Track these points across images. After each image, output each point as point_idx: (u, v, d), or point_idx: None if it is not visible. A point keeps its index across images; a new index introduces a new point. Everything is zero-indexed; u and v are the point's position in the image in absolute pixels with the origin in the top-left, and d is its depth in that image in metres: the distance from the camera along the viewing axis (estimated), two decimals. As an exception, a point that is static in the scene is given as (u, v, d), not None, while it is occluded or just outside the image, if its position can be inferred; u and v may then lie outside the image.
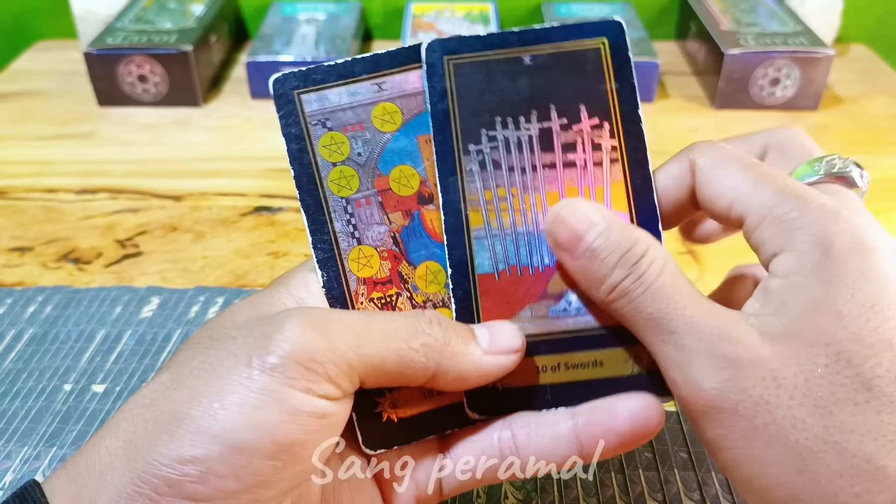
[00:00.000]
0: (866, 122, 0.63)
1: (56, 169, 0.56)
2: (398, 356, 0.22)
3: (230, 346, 0.22)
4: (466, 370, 0.23)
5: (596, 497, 0.32)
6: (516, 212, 0.26)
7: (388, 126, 0.26)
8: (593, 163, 0.26)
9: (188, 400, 0.20)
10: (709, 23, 0.67)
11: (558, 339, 0.26)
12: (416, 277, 0.26)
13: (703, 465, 0.33)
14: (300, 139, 0.26)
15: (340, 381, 0.21)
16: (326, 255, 0.26)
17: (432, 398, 0.26)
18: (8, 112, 0.64)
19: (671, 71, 0.71)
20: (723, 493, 0.32)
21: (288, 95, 0.26)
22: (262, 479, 0.20)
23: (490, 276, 0.25)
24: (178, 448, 0.20)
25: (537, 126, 0.26)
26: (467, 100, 0.26)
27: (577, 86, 0.26)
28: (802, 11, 0.70)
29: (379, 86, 0.26)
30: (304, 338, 0.21)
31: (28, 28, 0.79)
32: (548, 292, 0.26)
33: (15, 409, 0.36)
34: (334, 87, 0.26)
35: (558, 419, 0.25)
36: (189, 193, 0.54)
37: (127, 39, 0.63)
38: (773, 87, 0.63)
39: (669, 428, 0.35)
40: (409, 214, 0.26)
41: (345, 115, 0.26)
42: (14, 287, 0.45)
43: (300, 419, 0.21)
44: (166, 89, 0.64)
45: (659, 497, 0.32)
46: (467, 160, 0.26)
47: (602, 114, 0.26)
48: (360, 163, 0.26)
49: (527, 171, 0.26)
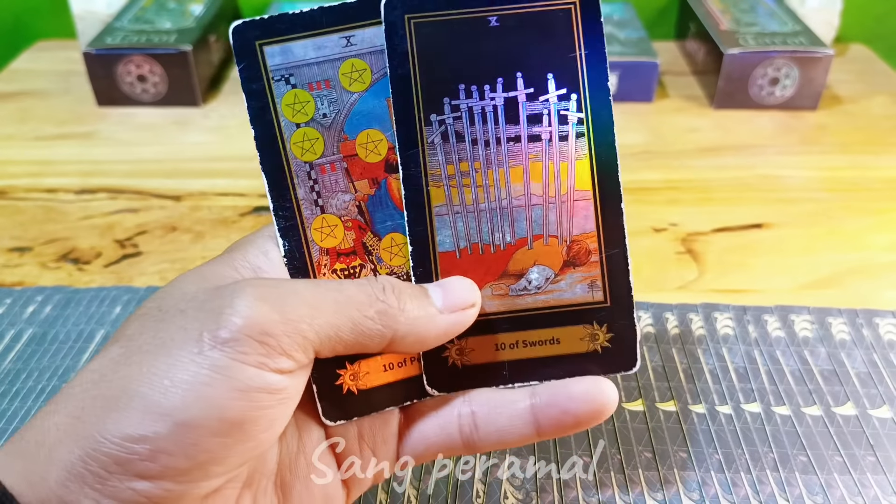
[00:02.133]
0: (866, 121, 0.63)
1: (56, 169, 0.56)
2: (353, 325, 0.22)
3: (180, 321, 0.21)
4: (423, 332, 0.23)
5: (596, 497, 0.32)
6: (479, 188, 0.25)
7: (357, 85, 0.24)
8: (559, 136, 0.25)
9: (138, 377, 0.20)
10: (708, 23, 0.67)
11: (518, 317, 0.26)
12: (381, 249, 0.25)
13: (702, 465, 0.33)
14: (262, 96, 0.24)
15: (294, 353, 0.21)
16: (288, 224, 0.25)
17: (393, 370, 0.26)
18: (7, 112, 0.64)
19: (671, 71, 0.71)
20: (723, 494, 0.32)
21: (249, 46, 0.24)
22: (213, 456, 0.20)
23: (451, 254, 0.25)
24: (127, 426, 0.19)
25: (502, 95, 0.25)
26: (430, 64, 0.24)
27: (544, 52, 0.25)
28: (802, 11, 0.70)
29: (347, 39, 0.24)
30: (256, 311, 0.21)
31: (27, 28, 0.79)
32: (508, 271, 0.26)
33: (15, 409, 0.36)
34: (299, 39, 0.24)
35: (517, 398, 0.25)
36: (189, 193, 0.54)
37: (126, 39, 0.63)
38: (772, 87, 0.63)
39: (669, 428, 0.35)
40: (376, 183, 0.25)
41: (310, 70, 0.24)
42: (14, 287, 0.44)
43: (252, 396, 0.20)
44: (166, 89, 0.64)
45: (659, 497, 0.32)
46: (429, 131, 0.25)
47: (570, 84, 0.25)
48: (326, 125, 0.24)
49: (491, 144, 0.25)
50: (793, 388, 0.37)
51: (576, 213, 0.26)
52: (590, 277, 0.26)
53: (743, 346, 0.40)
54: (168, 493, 0.20)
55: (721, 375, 0.38)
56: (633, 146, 0.59)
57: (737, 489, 0.33)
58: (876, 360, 0.39)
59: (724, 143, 0.60)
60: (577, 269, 0.26)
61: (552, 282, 0.26)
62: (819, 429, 0.35)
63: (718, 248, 0.48)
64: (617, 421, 0.35)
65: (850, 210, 0.51)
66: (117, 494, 0.19)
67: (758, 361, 0.39)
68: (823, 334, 0.40)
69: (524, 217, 0.26)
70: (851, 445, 0.34)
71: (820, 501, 0.32)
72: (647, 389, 0.37)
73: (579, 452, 0.34)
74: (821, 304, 0.42)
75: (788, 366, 0.38)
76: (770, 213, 0.51)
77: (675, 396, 0.37)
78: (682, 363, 0.39)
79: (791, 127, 0.62)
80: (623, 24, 0.70)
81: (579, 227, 0.26)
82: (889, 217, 0.50)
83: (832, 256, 0.47)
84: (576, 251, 0.26)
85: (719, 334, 0.40)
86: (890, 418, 0.36)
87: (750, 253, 0.48)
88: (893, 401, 0.37)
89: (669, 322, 0.41)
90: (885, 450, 0.34)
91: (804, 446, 0.34)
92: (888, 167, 0.56)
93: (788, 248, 0.48)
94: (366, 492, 0.32)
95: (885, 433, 0.35)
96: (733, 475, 0.33)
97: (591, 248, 0.26)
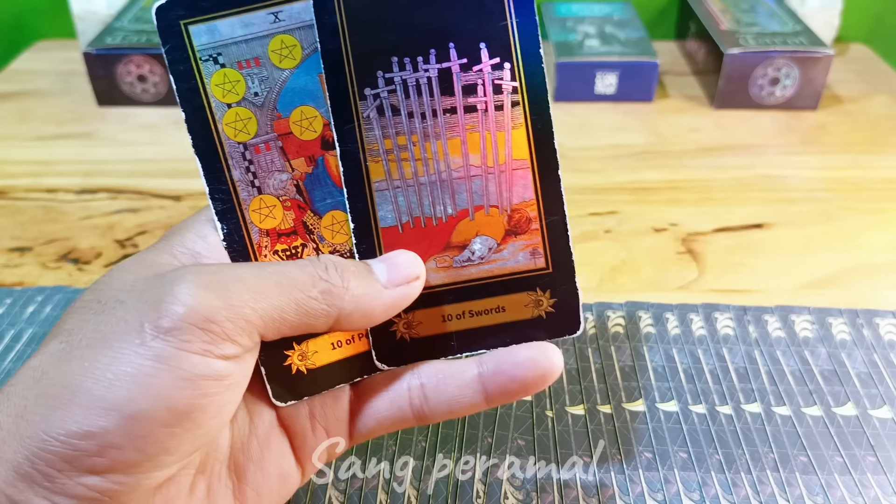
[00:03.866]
0: (866, 121, 0.63)
1: (56, 169, 0.56)
2: (297, 306, 0.22)
3: (120, 312, 0.21)
4: (369, 309, 0.23)
5: (596, 497, 0.32)
6: (417, 161, 0.25)
7: (287, 62, 0.24)
8: (494, 106, 0.25)
9: (80, 372, 0.20)
10: (708, 23, 0.67)
11: (462, 288, 0.26)
12: (322, 227, 0.25)
13: (702, 465, 0.33)
14: (190, 77, 0.23)
15: (239, 338, 0.21)
16: (225, 207, 0.24)
17: (341, 347, 0.26)
18: (7, 112, 0.64)
19: (671, 71, 0.71)
20: (723, 494, 0.32)
21: (174, 27, 0.23)
22: (163, 447, 0.20)
23: (394, 229, 0.25)
24: (72, 423, 0.19)
25: (436, 67, 0.25)
26: (361, 37, 0.24)
27: (476, 21, 0.24)
28: (802, 11, 0.70)
29: (275, 15, 0.23)
30: (197, 299, 0.20)
31: (27, 28, 0.79)
32: (451, 243, 0.26)
33: (15, 410, 0.36)
34: (225, 17, 0.23)
35: (465, 368, 0.26)
36: (189, 193, 0.54)
37: (126, 39, 0.63)
38: (772, 87, 0.63)
39: (669, 428, 0.35)
40: (313, 161, 0.25)
41: (238, 49, 0.23)
42: (14, 287, 0.44)
43: (198, 384, 0.20)
44: (166, 89, 0.64)
45: (659, 497, 0.32)
46: (364, 106, 0.24)
47: (503, 53, 0.25)
48: (258, 104, 0.24)
49: (427, 116, 0.25)
50: (793, 388, 0.37)
51: (515, 182, 0.26)
52: (531, 245, 0.26)
53: (743, 347, 0.40)
54: (120, 486, 0.20)
55: (721, 375, 0.38)
56: (633, 146, 0.59)
57: (737, 489, 0.32)
58: (876, 361, 0.39)
59: (724, 143, 0.59)
60: (518, 237, 0.26)
61: (495, 251, 0.26)
62: (819, 429, 0.35)
63: (719, 248, 0.48)
64: (617, 421, 0.35)
65: (850, 210, 0.51)
66: (68, 491, 0.19)
67: (758, 362, 0.39)
68: (824, 334, 0.40)
69: (464, 189, 0.26)
70: (852, 446, 0.34)
71: (820, 502, 0.32)
72: (647, 389, 0.37)
73: (579, 452, 0.34)
74: (821, 304, 0.42)
75: (789, 366, 0.38)
76: (770, 213, 0.51)
77: (675, 396, 0.37)
78: (683, 363, 0.39)
79: (791, 127, 0.62)
80: (623, 24, 0.70)
81: (519, 195, 0.26)
82: (889, 217, 0.50)
83: (832, 256, 0.47)
84: (517, 220, 0.26)
85: (719, 334, 0.40)
86: (890, 418, 0.36)
87: (750, 253, 0.48)
88: (894, 401, 0.36)
89: (670, 322, 0.41)
90: (885, 450, 0.34)
91: (804, 446, 0.34)
92: (888, 167, 0.56)
93: (789, 248, 0.48)
94: (359, 489, 0.32)
95: (885, 433, 0.35)
96: (733, 475, 0.33)
97: (532, 216, 0.26)
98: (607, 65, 0.63)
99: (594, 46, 0.65)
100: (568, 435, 0.35)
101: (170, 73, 0.23)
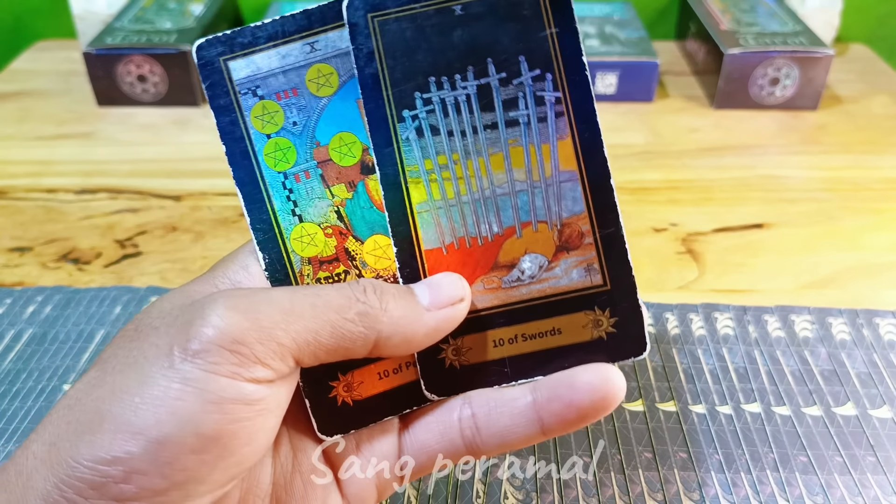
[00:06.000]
0: (866, 121, 0.63)
1: (56, 169, 0.56)
2: (332, 328, 0.21)
3: (153, 337, 0.21)
4: (410, 332, 0.22)
5: (596, 497, 0.32)
6: (460, 180, 0.24)
7: (325, 90, 0.24)
8: (537, 118, 0.24)
9: (109, 397, 0.20)
10: (708, 23, 0.67)
11: (514, 310, 0.25)
12: (365, 253, 0.25)
13: (702, 465, 0.33)
14: (230, 111, 0.24)
15: (270, 361, 0.20)
16: (266, 236, 0.24)
17: (388, 377, 0.25)
18: (8, 112, 0.64)
19: (671, 71, 0.71)
20: (723, 494, 0.32)
21: (213, 63, 0.24)
22: (191, 475, 0.19)
23: (437, 251, 0.24)
24: (99, 449, 0.19)
25: (474, 83, 0.24)
26: (397, 61, 0.24)
27: (514, 35, 0.24)
28: (802, 11, 0.70)
29: (311, 45, 0.24)
30: (226, 320, 0.20)
31: (28, 28, 0.79)
32: (499, 262, 0.25)
33: (15, 410, 0.36)
34: (263, 51, 0.24)
35: (517, 395, 0.24)
36: (189, 193, 0.54)
37: (126, 39, 0.63)
38: (772, 87, 0.63)
39: (669, 428, 0.35)
40: (353, 186, 0.24)
41: (276, 80, 0.24)
42: (14, 287, 0.44)
43: (226, 408, 0.20)
44: (166, 89, 0.64)
45: (659, 497, 0.32)
46: (402, 128, 0.24)
47: (543, 64, 0.24)
48: (297, 132, 0.24)
49: (467, 134, 0.24)
50: (793, 388, 0.37)
51: (563, 194, 0.25)
52: (585, 261, 0.25)
53: (743, 347, 0.40)
54: None
55: (721, 375, 0.38)
56: (633, 146, 0.59)
57: (737, 489, 0.32)
58: (876, 361, 0.39)
59: (724, 143, 0.59)
60: (571, 253, 0.25)
61: (546, 269, 0.25)
62: (819, 429, 0.35)
63: (719, 248, 0.48)
64: (617, 421, 0.35)
65: (850, 210, 0.51)
66: None
67: (758, 361, 0.39)
68: (824, 334, 0.40)
69: (510, 205, 0.25)
70: (852, 446, 0.34)
71: (820, 502, 0.32)
72: (647, 389, 0.37)
73: (579, 452, 0.34)
74: (821, 304, 0.42)
75: (789, 366, 0.38)
76: (770, 213, 0.51)
77: (675, 396, 0.37)
78: (683, 363, 0.39)
79: (791, 127, 0.62)
80: (623, 24, 0.70)
81: (568, 209, 0.25)
82: (889, 217, 0.50)
83: (832, 256, 0.47)
84: (567, 235, 0.25)
85: (719, 334, 0.40)
86: (890, 418, 0.36)
87: (750, 253, 0.48)
88: (894, 401, 0.36)
89: (669, 322, 0.41)
90: (885, 450, 0.34)
91: (804, 446, 0.34)
92: (888, 167, 0.56)
93: (789, 248, 0.48)
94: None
95: (885, 433, 0.35)
96: (733, 475, 0.33)
97: (584, 230, 0.25)
98: (607, 65, 0.63)
99: (594, 46, 0.65)
100: (568, 435, 0.35)
101: (211, 108, 0.24)
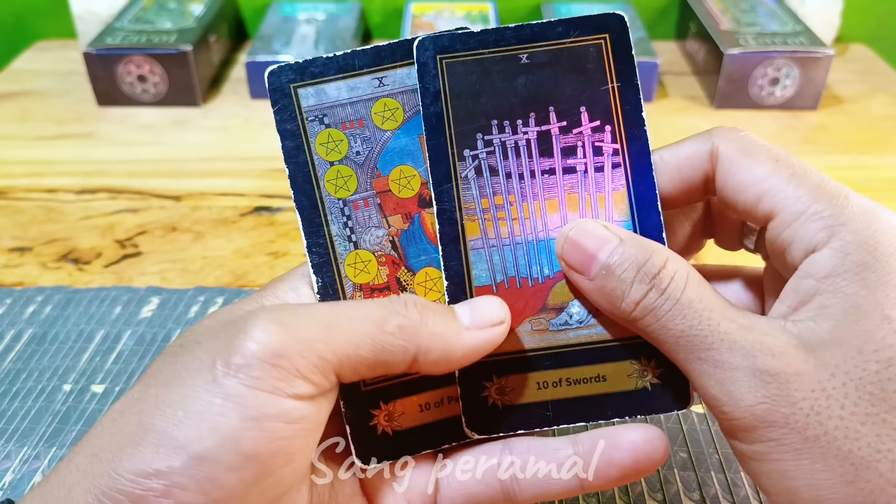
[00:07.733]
0: (866, 121, 0.63)
1: (56, 169, 0.56)
2: (372, 342, 0.21)
3: (196, 352, 0.21)
4: (449, 348, 0.22)
5: (596, 497, 0.32)
6: (514, 221, 0.25)
7: (389, 123, 0.25)
8: (594, 168, 0.25)
9: (152, 410, 0.20)
10: (708, 23, 0.67)
11: (559, 353, 0.25)
12: (416, 284, 0.25)
13: (702, 465, 0.33)
14: (296, 136, 0.25)
15: (312, 376, 0.20)
16: (322, 260, 0.25)
17: (430, 410, 0.25)
18: (8, 112, 0.64)
19: (671, 71, 0.71)
20: (723, 494, 0.32)
21: (284, 89, 0.24)
22: (230, 493, 0.19)
23: (488, 288, 0.25)
24: (141, 461, 0.19)
25: (535, 129, 0.25)
26: (462, 101, 0.25)
27: (576, 86, 0.25)
28: (802, 11, 0.70)
29: (380, 80, 0.25)
30: (268, 335, 0.20)
31: (28, 28, 0.79)
32: (548, 305, 0.25)
33: (14, 410, 0.36)
34: (332, 81, 0.25)
35: (559, 446, 0.24)
36: (189, 193, 0.54)
37: (126, 39, 0.63)
38: (772, 87, 0.63)
39: (669, 428, 0.35)
40: (409, 218, 0.25)
41: (343, 110, 0.25)
42: (14, 287, 0.44)
43: (265, 425, 0.19)
44: (166, 89, 0.64)
45: (659, 497, 0.32)
46: (462, 166, 0.25)
47: (603, 116, 0.25)
48: (359, 162, 0.25)
49: (525, 177, 0.25)
50: (793, 388, 0.37)
51: None
52: None
53: (743, 347, 0.39)
54: None
55: (721, 375, 0.38)
56: (633, 146, 0.59)
57: (737, 489, 0.33)
58: (876, 361, 0.39)
59: (724, 143, 0.59)
60: None
61: (595, 315, 0.25)
62: (819, 429, 0.35)
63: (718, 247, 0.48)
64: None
65: (850, 210, 0.51)
66: None
67: (758, 361, 0.39)
68: (824, 334, 0.40)
69: None
70: (852, 445, 0.34)
71: (820, 502, 0.32)
72: (647, 389, 0.37)
73: (579, 452, 0.34)
74: (821, 305, 0.42)
75: (789, 366, 0.38)
76: (770, 213, 0.51)
77: (675, 396, 0.37)
78: (683, 363, 0.39)
79: (791, 127, 0.62)
80: (623, 24, 0.70)
81: None
82: (889, 217, 0.50)
83: (832, 256, 0.47)
84: None
85: (719, 334, 0.40)
86: (890, 418, 0.36)
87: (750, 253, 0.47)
88: (894, 401, 0.36)
89: (669, 322, 0.41)
90: (885, 450, 0.34)
91: (804, 446, 0.34)
92: (888, 167, 0.56)
93: (789, 248, 0.48)
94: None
95: (885, 433, 0.35)
96: (733, 475, 0.33)
97: None
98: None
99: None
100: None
101: (278, 131, 0.24)
